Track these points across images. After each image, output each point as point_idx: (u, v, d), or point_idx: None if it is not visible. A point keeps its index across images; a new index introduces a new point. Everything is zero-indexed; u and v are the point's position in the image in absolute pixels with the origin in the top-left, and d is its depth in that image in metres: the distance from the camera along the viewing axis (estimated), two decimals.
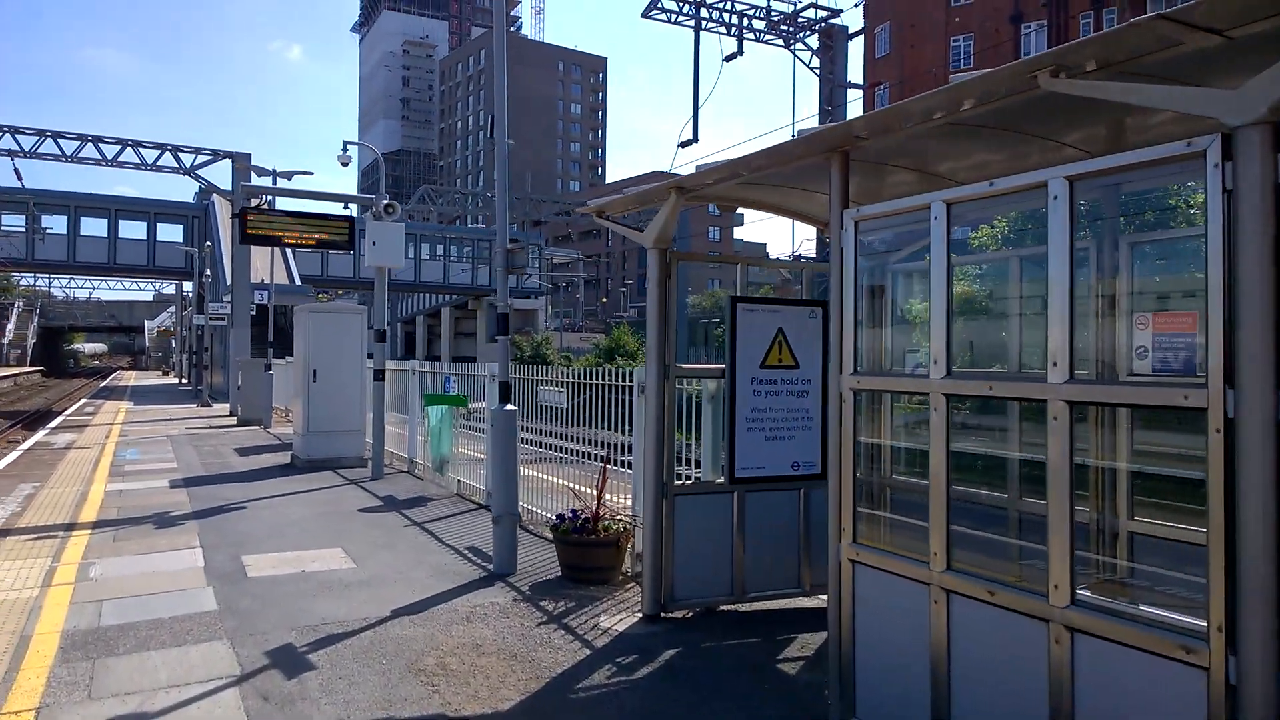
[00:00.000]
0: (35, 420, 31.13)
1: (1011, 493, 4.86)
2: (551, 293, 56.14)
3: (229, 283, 29.38)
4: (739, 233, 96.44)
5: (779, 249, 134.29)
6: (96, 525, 8.80)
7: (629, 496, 7.08)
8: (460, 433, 10.77)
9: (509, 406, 6.97)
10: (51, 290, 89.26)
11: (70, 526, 8.72)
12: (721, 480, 5.98)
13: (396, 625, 5.62)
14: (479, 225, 63.77)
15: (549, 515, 8.28)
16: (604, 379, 7.55)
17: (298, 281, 37.40)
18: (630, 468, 7.13)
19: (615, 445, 7.72)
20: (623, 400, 7.23)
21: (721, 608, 5.97)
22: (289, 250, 39.69)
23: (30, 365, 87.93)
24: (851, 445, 4.03)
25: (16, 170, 27.06)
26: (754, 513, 5.89)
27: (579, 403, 7.99)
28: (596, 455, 7.77)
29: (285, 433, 18.74)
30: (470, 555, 7.49)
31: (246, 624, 5.63)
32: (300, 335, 13.31)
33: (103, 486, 11.30)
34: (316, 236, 11.78)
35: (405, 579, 6.72)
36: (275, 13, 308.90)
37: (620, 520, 6.65)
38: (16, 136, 28.20)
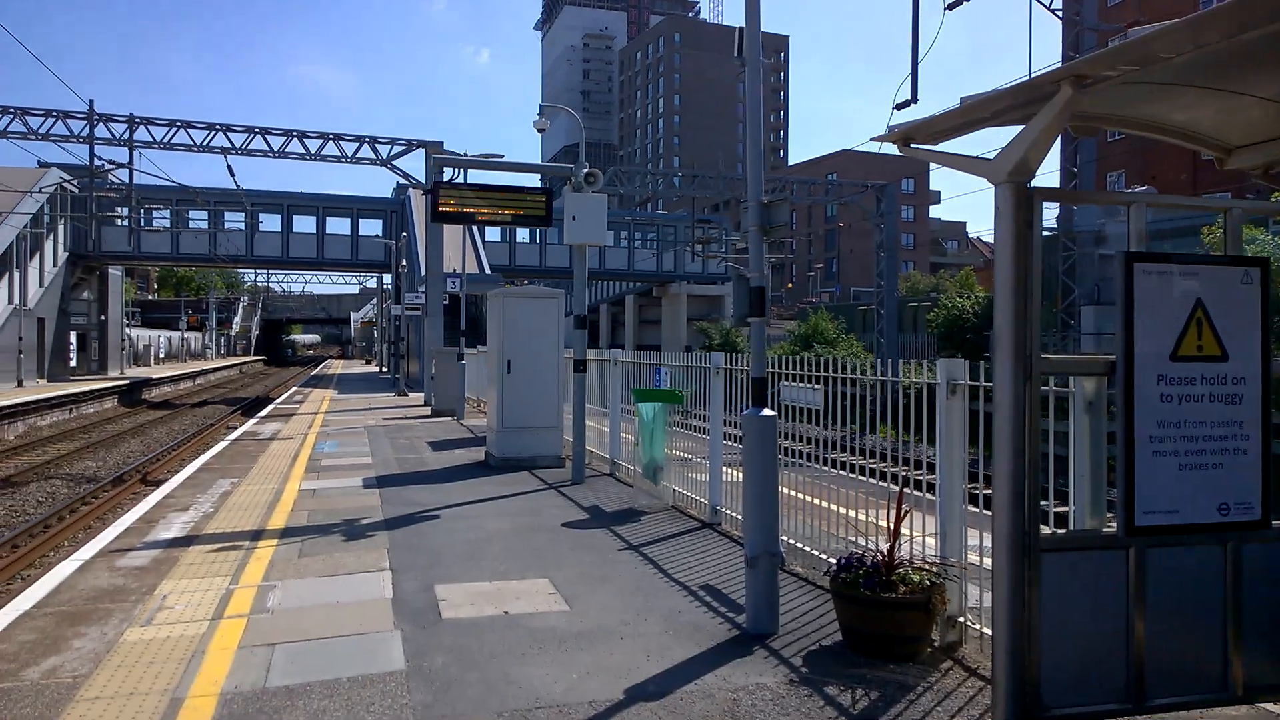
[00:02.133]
0: (253, 406, 32.85)
1: None
2: (736, 279, 54.63)
3: (423, 273, 29.58)
4: (933, 212, 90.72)
5: (978, 227, 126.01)
6: (284, 534, 7.91)
7: (922, 531, 5.23)
8: (671, 431, 9.23)
9: (766, 412, 5.28)
10: (270, 285, 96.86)
11: (257, 535, 7.87)
12: (1111, 529, 4.03)
13: (635, 718, 4.08)
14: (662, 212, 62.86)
15: (798, 543, 6.56)
16: (876, 375, 5.73)
17: (487, 271, 37.55)
18: (929, 490, 5.28)
19: (878, 454, 5.90)
20: (900, 401, 5.39)
21: None
22: (479, 240, 40.07)
23: (254, 354, 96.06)
24: None
25: (229, 167, 28.07)
26: (1160, 578, 3.90)
27: (830, 401, 6.22)
28: (866, 469, 5.96)
29: (478, 425, 18.07)
30: (709, 599, 5.88)
31: (440, 700, 4.26)
32: (494, 322, 12.27)
33: (297, 485, 10.63)
34: (511, 212, 10.60)
35: (633, 633, 5.20)
36: (466, 20, 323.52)
37: (924, 570, 4.82)
38: (229, 134, 29.59)
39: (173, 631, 5.26)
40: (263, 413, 23.33)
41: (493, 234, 46.22)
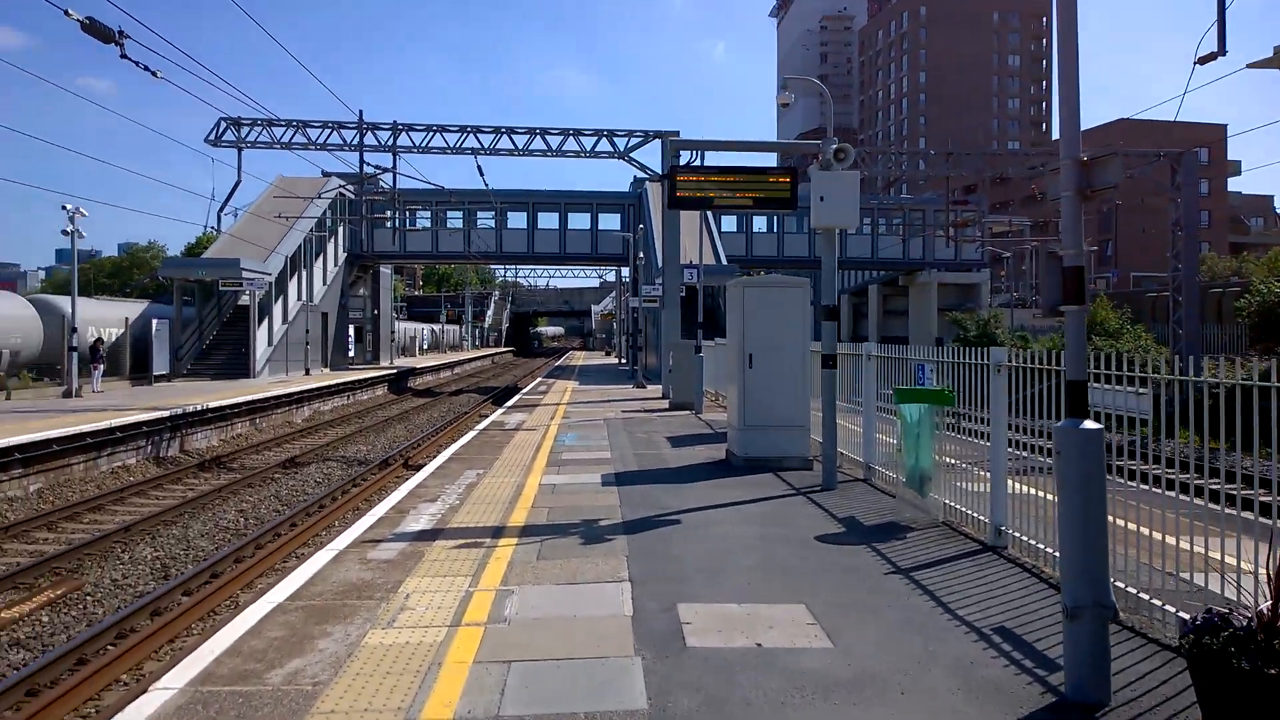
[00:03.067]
0: (502, 396, 34.58)
1: None
2: (992, 265, 49.91)
3: (659, 265, 29.66)
4: (1232, 185, 79.56)
5: None
6: (523, 532, 7.69)
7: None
8: (939, 435, 8.09)
9: (1089, 424, 4.17)
10: (519, 280, 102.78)
11: (498, 532, 7.71)
12: None
13: None
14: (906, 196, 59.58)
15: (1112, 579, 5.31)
16: (1242, 377, 4.42)
17: (724, 262, 37.13)
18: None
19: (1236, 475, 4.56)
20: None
21: None
22: (716, 231, 39.75)
23: (504, 346, 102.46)
24: None
25: (479, 166, 29.60)
26: None
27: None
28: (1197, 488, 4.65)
29: (716, 420, 17.55)
30: (1006, 648, 4.84)
31: None
32: (733, 313, 11.60)
33: (538, 479, 10.55)
34: (752, 195, 9.88)
35: (915, 686, 4.29)
36: (702, 13, 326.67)
37: None
38: (478, 135, 31.20)
39: (412, 637, 5.03)
40: (510, 403, 24.27)
41: (729, 224, 45.81)
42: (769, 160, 44.47)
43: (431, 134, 31.39)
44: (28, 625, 8.24)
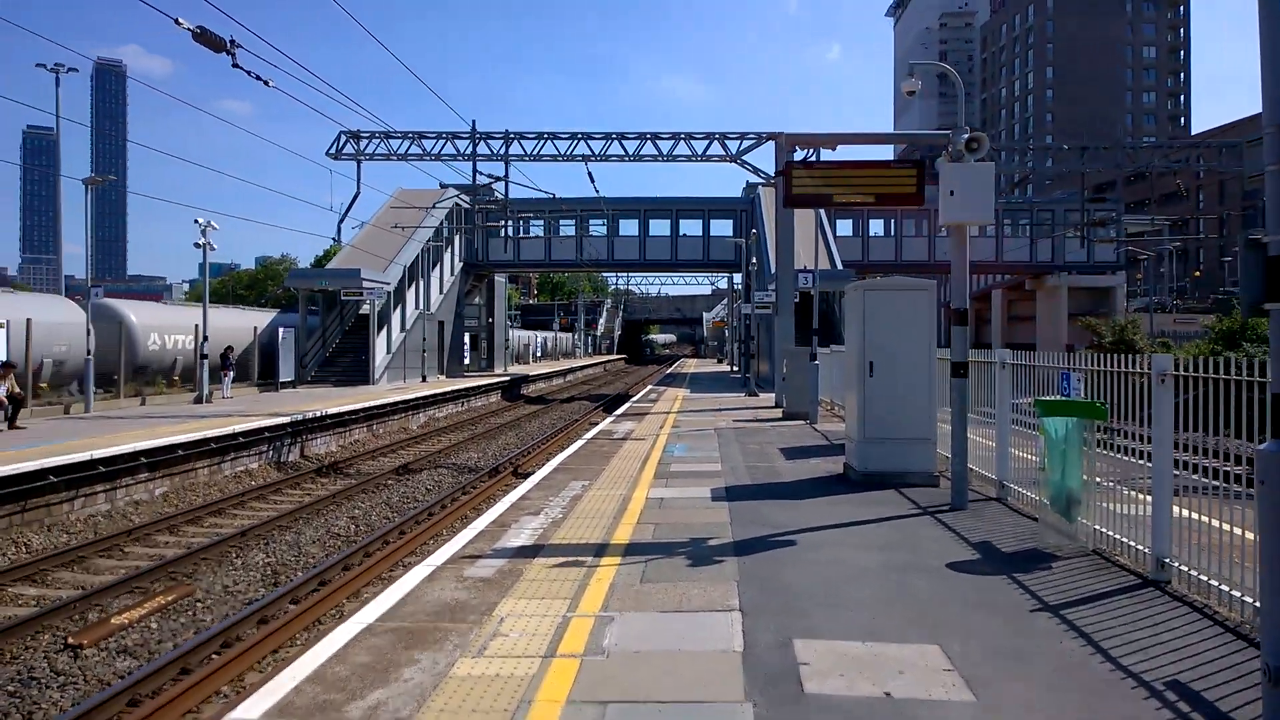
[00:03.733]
0: (613, 403, 34.50)
1: None
2: (1128, 267, 46.45)
3: (772, 270, 28.93)
4: None
5: None
6: (627, 551, 7.26)
7: None
8: (1089, 453, 7.23)
9: None
10: (630, 288, 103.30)
11: (600, 550, 7.31)
12: None
13: None
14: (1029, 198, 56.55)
15: None
16: None
17: (839, 266, 35.98)
18: None
19: None
20: None
21: None
22: (831, 234, 38.64)
23: (616, 353, 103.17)
24: None
25: (589, 173, 29.45)
26: None
27: None
28: None
29: (832, 430, 16.76)
30: (1184, 708, 4.07)
31: None
32: (852, 318, 10.91)
33: (644, 492, 10.12)
34: (875, 190, 9.18)
35: None
36: (816, 16, 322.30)
37: None
38: (589, 142, 31.24)
39: (503, 668, 4.65)
40: (620, 410, 24.02)
41: (844, 229, 44.53)
42: (886, 156, 42.93)
43: (543, 142, 31.61)
44: (136, 632, 8.33)
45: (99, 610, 8.94)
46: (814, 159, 9.29)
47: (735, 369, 47.21)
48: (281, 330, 31.28)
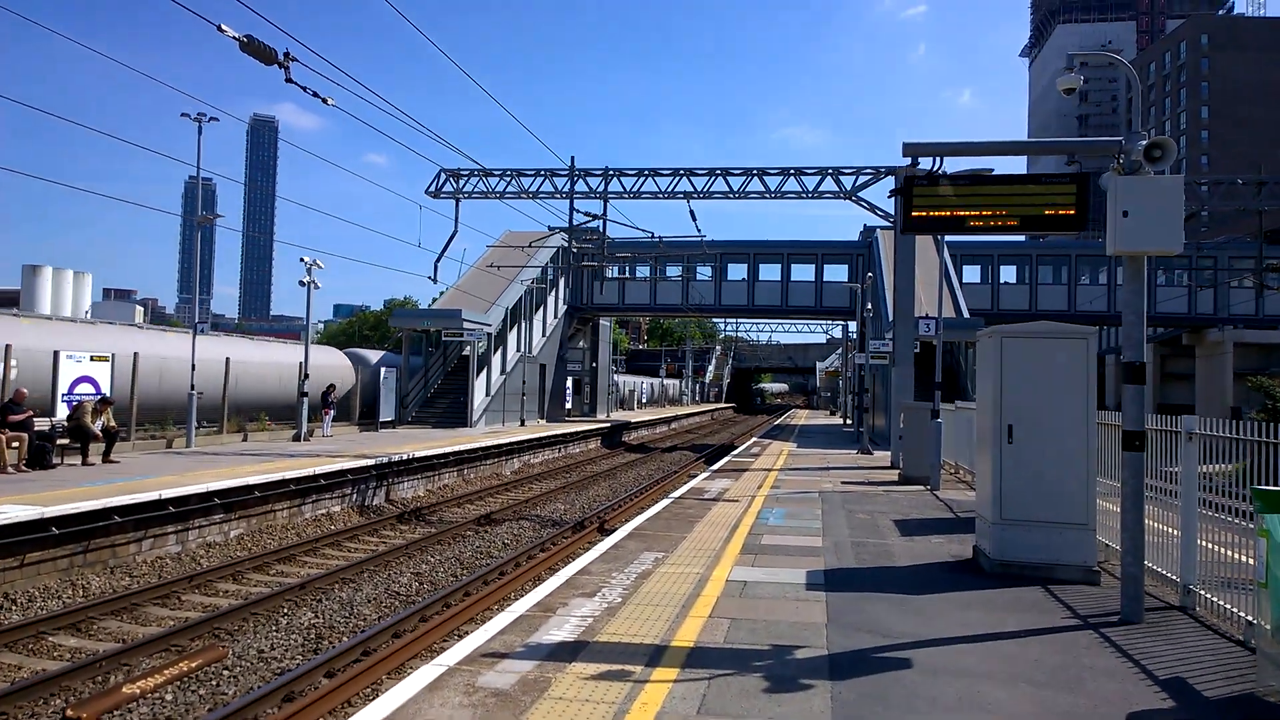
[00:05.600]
0: (715, 455, 32.74)
1: None
2: None
3: (890, 318, 26.80)
4: None
5: None
6: (689, 659, 5.65)
7: None
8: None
9: None
10: (740, 335, 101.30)
11: (656, 655, 5.72)
12: None
13: None
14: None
15: None
16: None
17: (965, 314, 33.29)
18: None
19: None
20: None
21: None
22: (956, 279, 36.01)
23: (725, 401, 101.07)
24: None
25: (691, 211, 28.10)
26: None
27: None
28: None
29: (957, 500, 14.62)
30: None
31: None
32: (986, 370, 9.03)
33: (726, 571, 8.47)
34: (1022, 210, 7.39)
35: None
36: (947, 60, 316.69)
37: None
38: (691, 178, 29.86)
39: None
40: (717, 465, 22.33)
41: (970, 274, 41.67)
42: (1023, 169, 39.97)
43: (643, 178, 30.48)
44: (146, 704, 7.26)
45: (124, 670, 8.02)
46: (939, 172, 7.60)
47: (848, 421, 44.63)
48: (384, 370, 31.08)
